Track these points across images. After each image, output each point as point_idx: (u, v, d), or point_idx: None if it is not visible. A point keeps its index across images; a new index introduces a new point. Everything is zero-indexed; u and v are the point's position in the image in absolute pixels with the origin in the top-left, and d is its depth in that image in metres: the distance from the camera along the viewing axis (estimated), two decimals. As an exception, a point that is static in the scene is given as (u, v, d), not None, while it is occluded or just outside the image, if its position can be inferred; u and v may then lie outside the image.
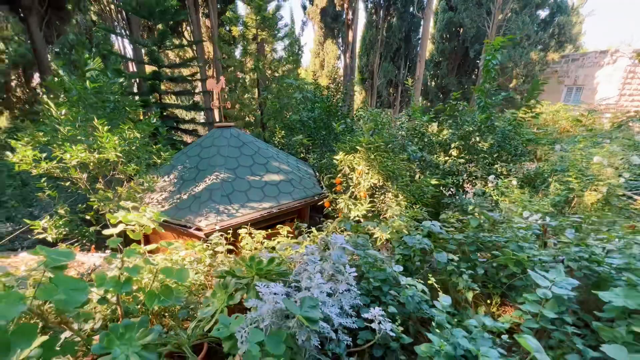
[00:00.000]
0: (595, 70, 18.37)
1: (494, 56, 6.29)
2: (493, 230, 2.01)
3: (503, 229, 2.01)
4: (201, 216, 4.33)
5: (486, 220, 2.91)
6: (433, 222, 1.97)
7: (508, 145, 7.15)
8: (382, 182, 4.92)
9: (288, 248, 2.22)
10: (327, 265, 1.54)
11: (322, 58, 28.49)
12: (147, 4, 8.13)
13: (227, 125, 5.92)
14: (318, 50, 28.37)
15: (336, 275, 1.51)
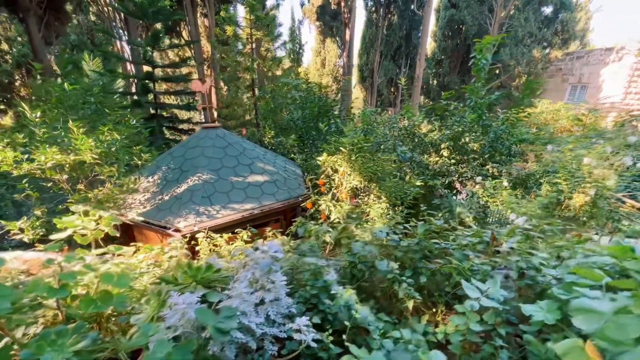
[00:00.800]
0: (601, 68, 17.96)
1: (484, 55, 6.18)
2: (443, 237, 1.97)
3: (455, 236, 1.97)
4: (181, 217, 4.36)
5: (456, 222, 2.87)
6: (382, 229, 1.95)
7: (500, 146, 7.05)
8: (364, 184, 4.88)
9: (241, 253, 2.21)
10: (258, 273, 1.53)
11: (324, 56, 28.41)
12: (140, 5, 8.18)
13: (214, 126, 5.93)
14: (319, 48, 28.29)
15: (266, 284, 1.50)
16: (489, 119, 6.84)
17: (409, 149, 7.49)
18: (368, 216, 5.02)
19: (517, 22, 17.32)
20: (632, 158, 5.25)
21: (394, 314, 1.78)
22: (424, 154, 7.34)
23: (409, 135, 7.55)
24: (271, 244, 1.63)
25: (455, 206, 6.38)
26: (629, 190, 5.39)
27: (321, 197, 4.87)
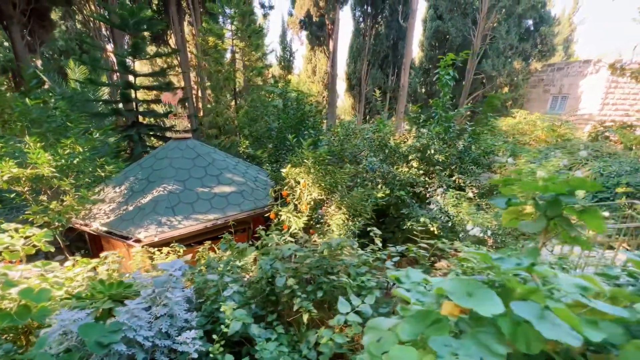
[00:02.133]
0: (579, 79, 18.53)
1: (446, 71, 6.45)
2: (337, 254, 2.13)
3: (358, 253, 2.13)
4: (142, 228, 4.47)
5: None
6: (290, 246, 2.11)
7: (467, 157, 7.29)
8: (323, 196, 5.05)
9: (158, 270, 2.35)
10: (157, 289, 1.68)
11: (315, 64, 28.75)
12: (121, 16, 8.34)
13: (184, 137, 6.08)
14: (310, 56, 28.64)
15: (162, 301, 1.65)
16: (455, 131, 7.09)
17: (379, 160, 7.70)
18: (329, 227, 5.18)
19: (499, 35, 17.85)
20: (581, 173, 5.50)
21: (295, 326, 1.94)
22: (394, 165, 7.56)
23: (380, 146, 7.76)
24: (174, 262, 1.78)
25: (421, 216, 6.59)
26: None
27: (283, 208, 5.02)
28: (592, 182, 1.24)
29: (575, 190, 1.28)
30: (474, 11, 18.75)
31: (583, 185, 1.27)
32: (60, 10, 15.92)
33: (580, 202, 1.28)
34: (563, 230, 1.32)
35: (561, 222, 1.30)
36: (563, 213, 1.31)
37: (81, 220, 4.75)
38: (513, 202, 1.37)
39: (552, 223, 1.35)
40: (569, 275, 1.26)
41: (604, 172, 9.19)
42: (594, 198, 9.45)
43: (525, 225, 1.39)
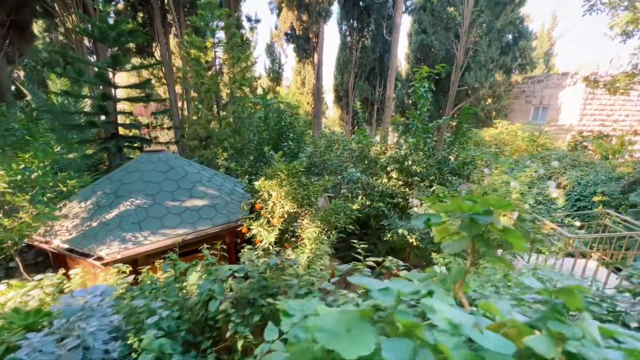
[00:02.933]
0: (559, 91, 19.14)
1: (422, 84, 6.55)
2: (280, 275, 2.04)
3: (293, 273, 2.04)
4: (104, 245, 4.29)
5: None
6: (233, 267, 2.01)
7: (445, 168, 7.32)
8: (295, 209, 4.97)
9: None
10: (72, 318, 1.55)
11: (304, 76, 29.07)
12: (100, 29, 8.30)
13: (157, 150, 5.96)
14: (299, 68, 28.98)
15: (75, 331, 1.52)
16: (433, 142, 7.15)
17: (359, 171, 7.69)
18: (302, 241, 5.08)
19: (481, 48, 18.40)
20: (554, 183, 5.55)
21: (230, 354, 1.82)
22: (374, 176, 7.54)
23: (360, 157, 7.77)
24: (94, 287, 1.66)
25: (399, 227, 6.54)
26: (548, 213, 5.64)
27: (254, 222, 4.91)
28: (507, 202, 1.20)
29: (493, 210, 1.23)
30: (456, 26, 19.34)
31: (499, 205, 1.23)
32: (45, 22, 15.84)
33: (500, 223, 1.23)
34: (486, 250, 1.26)
35: (480, 242, 1.24)
36: (482, 233, 1.25)
37: (41, 238, 4.54)
38: (432, 222, 1.31)
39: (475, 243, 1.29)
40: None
41: (582, 181, 9.37)
42: (573, 207, 9.59)
43: (447, 245, 1.33)
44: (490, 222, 1.20)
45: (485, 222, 1.21)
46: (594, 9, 9.23)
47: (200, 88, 9.60)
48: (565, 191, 9.77)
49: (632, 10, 8.92)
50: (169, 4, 12.92)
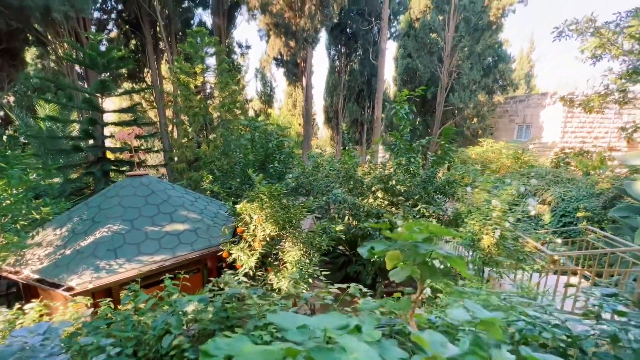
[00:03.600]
0: (539, 110, 19.88)
1: (402, 107, 6.75)
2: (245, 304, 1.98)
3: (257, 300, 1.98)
4: (76, 274, 4.13)
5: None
6: (192, 296, 1.94)
7: (430, 187, 7.39)
8: (277, 232, 4.90)
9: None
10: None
11: (295, 98, 29.82)
12: (90, 57, 8.47)
13: (139, 174, 5.92)
14: (291, 90, 29.79)
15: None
16: (417, 162, 7.25)
17: (345, 191, 7.70)
18: (284, 264, 4.97)
19: (464, 71, 19.24)
20: (534, 202, 5.62)
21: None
22: (360, 196, 7.56)
23: (346, 177, 7.82)
24: (38, 325, 1.58)
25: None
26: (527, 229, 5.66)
27: (234, 246, 4.81)
28: (446, 229, 1.21)
29: (434, 237, 1.23)
30: (439, 50, 20.32)
31: (441, 232, 1.24)
32: (38, 50, 16.13)
33: (442, 250, 1.23)
34: (430, 277, 1.25)
35: (423, 269, 1.24)
36: (425, 260, 1.25)
37: (10, 268, 4.36)
38: (375, 251, 1.30)
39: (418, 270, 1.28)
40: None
41: (565, 197, 9.52)
42: (559, 222, 9.68)
43: (393, 273, 1.31)
44: (430, 250, 1.20)
45: (426, 250, 1.20)
46: (563, 35, 9.80)
47: (188, 112, 9.73)
48: (551, 207, 9.90)
49: (598, 36, 9.51)
50: (161, 32, 13.34)
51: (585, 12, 21.18)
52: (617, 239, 5.12)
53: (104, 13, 14.04)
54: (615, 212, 5.41)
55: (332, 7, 12.35)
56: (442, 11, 19.57)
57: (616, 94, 10.54)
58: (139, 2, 12.50)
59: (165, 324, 1.81)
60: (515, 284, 5.30)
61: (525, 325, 1.44)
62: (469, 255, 6.57)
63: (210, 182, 7.30)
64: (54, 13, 9.94)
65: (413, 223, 1.29)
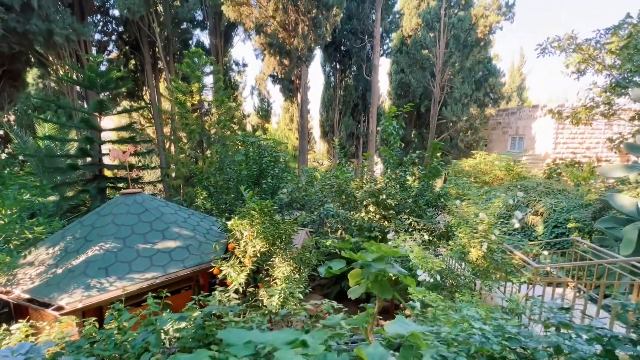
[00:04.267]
0: (531, 122, 20.27)
1: (390, 123, 6.96)
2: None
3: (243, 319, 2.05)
4: (66, 293, 4.17)
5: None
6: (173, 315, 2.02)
7: (421, 200, 7.50)
8: (267, 248, 4.97)
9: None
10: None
11: (292, 113, 30.33)
12: (88, 78, 8.74)
13: (133, 192, 6.03)
14: (288, 106, 30.32)
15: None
16: (406, 176, 7.38)
17: (337, 206, 7.81)
18: (274, 280, 5.01)
19: (455, 85, 19.74)
20: (521, 215, 5.72)
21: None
22: (352, 210, 7.66)
23: (338, 192, 7.94)
24: (22, 345, 1.66)
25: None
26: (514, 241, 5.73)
27: (224, 263, 4.87)
28: (393, 250, 1.32)
29: (387, 257, 1.34)
30: (431, 66, 20.92)
31: (390, 253, 1.35)
32: (39, 70, 16.55)
33: (393, 269, 1.33)
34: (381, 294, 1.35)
35: (376, 287, 1.34)
36: (377, 278, 1.35)
37: (1, 287, 4.40)
38: (332, 270, 1.40)
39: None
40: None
41: (556, 208, 9.63)
42: (552, 233, 9.75)
43: (351, 290, 1.41)
44: (382, 268, 1.31)
45: (378, 269, 1.31)
46: (546, 52, 10.18)
47: (184, 129, 9.94)
48: (543, 218, 9.99)
49: (579, 52, 9.89)
50: (160, 52, 13.77)
51: (575, 26, 21.63)
52: (604, 250, 5.20)
53: (105, 35, 14.54)
54: (600, 223, 5.52)
55: (325, 27, 12.84)
56: (432, 29, 20.28)
57: (602, 107, 10.85)
58: (139, 25, 12.99)
59: (145, 343, 1.88)
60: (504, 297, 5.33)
61: (480, 339, 1.53)
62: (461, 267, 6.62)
63: (203, 198, 7.39)
64: (55, 37, 10.31)
65: (369, 244, 1.40)
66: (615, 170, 5.07)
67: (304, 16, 11.67)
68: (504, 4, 17.85)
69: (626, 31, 9.19)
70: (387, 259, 1.40)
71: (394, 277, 4.54)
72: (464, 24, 18.52)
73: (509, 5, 17.86)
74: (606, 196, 5.31)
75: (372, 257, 1.33)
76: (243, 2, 11.55)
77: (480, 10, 18.11)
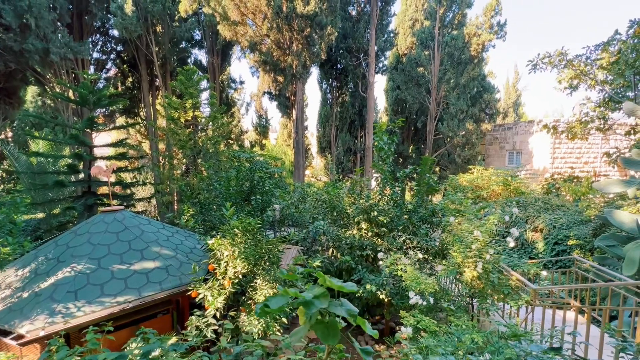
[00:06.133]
0: (528, 137, 20.28)
1: (380, 138, 6.84)
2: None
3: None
4: (29, 319, 3.88)
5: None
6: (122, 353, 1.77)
7: (415, 217, 7.26)
8: (248, 269, 4.70)
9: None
10: None
11: (290, 129, 30.55)
12: (80, 95, 8.75)
13: (114, 210, 5.82)
14: (286, 122, 30.62)
15: None
16: (399, 192, 7.18)
17: (328, 223, 7.55)
18: (255, 303, 4.71)
19: (451, 101, 19.92)
20: (517, 232, 5.48)
21: None
22: (344, 228, 7.39)
23: (329, 209, 7.70)
24: None
25: (369, 282, 6.18)
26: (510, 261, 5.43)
27: (201, 285, 4.58)
28: (340, 285, 1.11)
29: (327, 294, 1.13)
30: (427, 82, 21.21)
31: (340, 288, 1.13)
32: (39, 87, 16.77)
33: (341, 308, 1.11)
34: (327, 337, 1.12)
35: (319, 329, 1.12)
36: (322, 318, 1.13)
37: (-39, 313, 4.10)
38: (269, 310, 1.18)
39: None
40: None
41: (556, 225, 9.35)
42: (552, 250, 9.42)
43: (292, 334, 1.19)
44: (324, 306, 1.09)
45: (319, 306, 1.09)
46: (538, 68, 10.24)
47: (177, 145, 9.86)
48: (543, 235, 9.69)
49: (571, 68, 9.94)
50: (157, 70, 13.95)
51: (571, 41, 21.90)
52: (605, 269, 4.91)
53: (104, 54, 14.80)
54: (601, 241, 5.26)
55: (320, 46, 13.06)
56: (426, 47, 20.71)
57: (597, 121, 10.79)
58: (137, 44, 13.23)
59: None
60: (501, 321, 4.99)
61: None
62: (457, 288, 6.28)
63: (190, 215, 7.16)
64: (51, 55, 10.44)
65: (320, 276, 1.19)
66: (611, 186, 4.87)
67: (297, 35, 11.90)
68: (495, 23, 18.30)
69: (616, 47, 9.27)
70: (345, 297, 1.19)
71: (387, 298, 4.30)
72: (458, 43, 18.91)
73: (500, 25, 18.30)
74: (605, 212, 5.08)
75: (315, 294, 1.11)
76: (238, 21, 11.81)
77: (473, 29, 18.55)
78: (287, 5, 11.33)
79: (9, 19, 9.71)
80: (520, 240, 9.95)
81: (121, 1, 11.54)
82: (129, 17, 11.61)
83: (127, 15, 11.54)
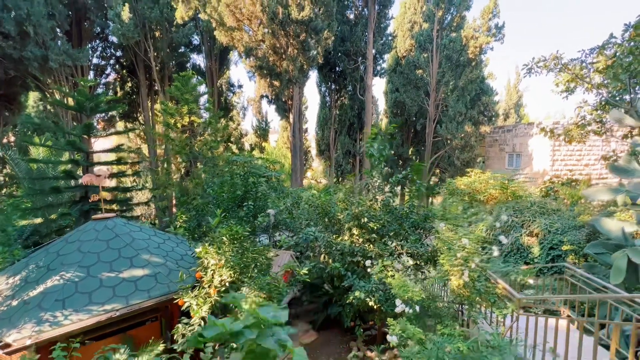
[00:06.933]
0: (527, 139, 20.16)
1: (371, 145, 6.86)
2: None
3: None
4: (16, 328, 3.94)
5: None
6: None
7: (406, 223, 7.26)
8: (234, 277, 4.73)
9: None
10: None
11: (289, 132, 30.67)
12: (77, 101, 8.87)
13: (105, 217, 5.89)
14: (286, 125, 30.72)
15: None
16: (390, 198, 7.17)
17: (320, 229, 7.57)
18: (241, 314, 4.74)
19: (450, 103, 19.88)
20: (507, 236, 5.47)
21: None
22: (335, 234, 7.40)
23: (321, 214, 7.72)
24: None
25: (358, 289, 6.18)
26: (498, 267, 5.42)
27: (187, 293, 4.63)
28: (266, 317, 1.14)
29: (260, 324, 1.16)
30: (425, 85, 21.19)
31: (266, 321, 1.16)
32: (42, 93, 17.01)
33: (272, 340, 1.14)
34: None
35: (248, 358, 1.14)
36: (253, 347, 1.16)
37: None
38: (210, 337, 1.21)
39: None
40: None
41: (552, 229, 9.29)
42: (548, 256, 9.36)
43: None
44: (253, 337, 1.12)
45: (249, 337, 1.12)
46: (533, 72, 10.22)
47: (173, 149, 9.95)
48: (538, 239, 9.63)
49: (566, 72, 9.90)
50: (155, 75, 14.09)
51: (565, 42, 21.70)
52: (593, 278, 4.89)
53: (103, 59, 14.99)
54: (590, 248, 5.23)
55: (317, 50, 13.11)
56: (425, 50, 20.70)
57: (594, 125, 10.73)
58: (135, 50, 13.38)
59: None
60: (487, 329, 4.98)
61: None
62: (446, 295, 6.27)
63: (184, 221, 7.23)
64: (50, 62, 10.59)
65: (247, 304, 1.22)
66: (599, 194, 4.85)
67: (293, 40, 11.97)
68: (493, 25, 18.26)
69: (612, 51, 9.23)
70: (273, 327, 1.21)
71: (376, 305, 4.33)
72: (456, 45, 18.89)
73: (498, 27, 18.26)
74: (592, 220, 5.06)
75: (245, 324, 1.14)
76: (235, 27, 11.92)
77: (470, 32, 18.52)
78: (282, 11, 11.42)
79: (8, 27, 9.88)
80: (516, 245, 9.89)
81: (119, 8, 11.70)
82: (126, 24, 11.75)
83: (124, 22, 11.69)
